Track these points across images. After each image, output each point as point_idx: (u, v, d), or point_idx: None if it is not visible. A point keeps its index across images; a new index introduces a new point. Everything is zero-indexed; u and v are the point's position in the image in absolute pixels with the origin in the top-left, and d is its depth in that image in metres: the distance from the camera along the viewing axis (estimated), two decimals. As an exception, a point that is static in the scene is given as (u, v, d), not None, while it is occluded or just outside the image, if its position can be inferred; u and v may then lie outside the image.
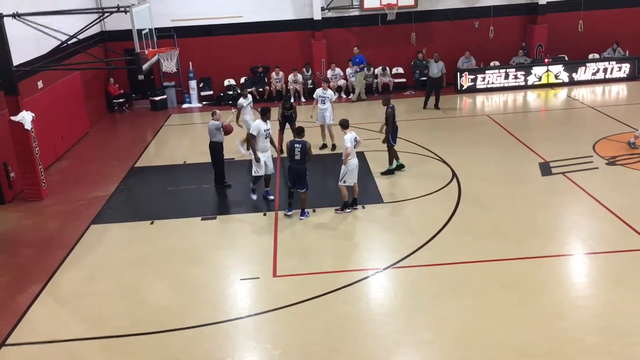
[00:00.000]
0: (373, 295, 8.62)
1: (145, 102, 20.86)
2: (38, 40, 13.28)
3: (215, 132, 12.46)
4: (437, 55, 18.43)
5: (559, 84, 20.50)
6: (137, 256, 10.13)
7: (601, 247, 9.52)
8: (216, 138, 12.51)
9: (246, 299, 8.71)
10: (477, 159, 13.81)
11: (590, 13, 21.12)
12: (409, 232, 10.40)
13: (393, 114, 12.60)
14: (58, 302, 8.92)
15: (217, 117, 12.53)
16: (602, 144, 14.25)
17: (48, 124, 14.50)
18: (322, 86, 14.81)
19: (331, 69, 20.66)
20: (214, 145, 12.56)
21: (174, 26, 20.05)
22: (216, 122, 12.43)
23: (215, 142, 12.55)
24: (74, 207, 12.42)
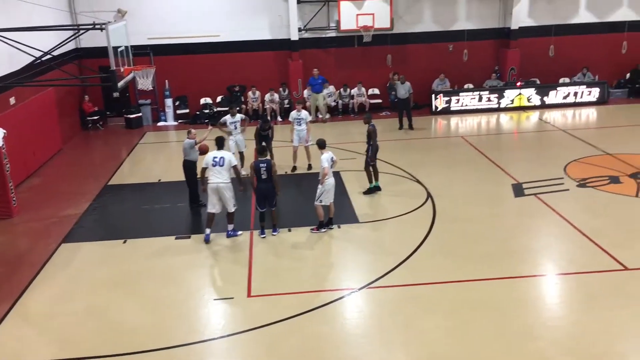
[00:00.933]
0: (348, 316, 8.60)
1: (120, 120, 20.69)
2: (11, 56, 13.13)
3: (189, 151, 12.34)
4: (403, 77, 18.71)
5: (531, 107, 20.91)
6: (109, 276, 9.96)
7: (572, 268, 9.65)
8: (190, 157, 12.39)
9: (220, 319, 8.61)
10: (451, 180, 13.96)
11: (561, 39, 21.66)
12: (384, 252, 10.43)
13: (374, 131, 12.73)
14: (26, 322, 8.70)
15: (192, 135, 12.41)
16: (573, 166, 14.53)
17: (20, 141, 14.27)
18: (296, 108, 14.86)
19: (307, 90, 20.77)
20: (188, 164, 12.44)
21: (150, 44, 20.01)
22: (190, 141, 12.32)
23: (189, 161, 12.42)
24: (44, 225, 12.19)
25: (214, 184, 10.79)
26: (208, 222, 11.03)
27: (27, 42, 12.40)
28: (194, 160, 12.39)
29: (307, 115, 14.89)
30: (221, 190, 10.80)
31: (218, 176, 10.78)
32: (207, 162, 10.86)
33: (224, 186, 10.81)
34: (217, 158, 10.83)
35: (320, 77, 20.27)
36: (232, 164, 10.92)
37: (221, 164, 10.79)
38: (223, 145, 11.25)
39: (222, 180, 10.79)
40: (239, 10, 20.47)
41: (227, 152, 11.16)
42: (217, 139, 11.27)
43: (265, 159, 11.01)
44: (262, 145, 11.72)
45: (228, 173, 10.88)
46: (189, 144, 12.30)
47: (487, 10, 21.42)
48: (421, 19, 21.30)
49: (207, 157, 10.95)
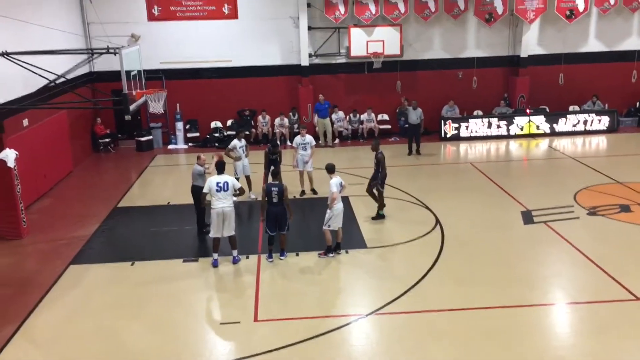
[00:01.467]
0: (355, 342, 8.51)
1: (131, 143, 20.86)
2: (26, 78, 13.32)
3: (197, 177, 12.28)
4: (415, 102, 18.81)
5: (540, 135, 20.88)
6: (116, 298, 9.95)
7: (583, 297, 9.54)
8: (197, 182, 12.25)
9: (226, 343, 8.55)
10: (460, 206, 13.91)
11: (571, 67, 21.73)
12: (392, 278, 10.36)
13: (384, 159, 12.76)
14: (32, 344, 8.69)
15: (201, 161, 12.33)
16: (583, 194, 14.45)
17: (31, 162, 14.42)
18: (300, 133, 14.89)
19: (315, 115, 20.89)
20: (196, 189, 12.32)
21: (163, 68, 20.27)
22: (200, 168, 12.24)
23: (196, 186, 12.26)
24: (53, 246, 12.24)
25: (219, 209, 10.76)
26: (214, 247, 11.02)
27: (42, 65, 12.61)
28: (201, 185, 12.14)
29: (312, 139, 14.94)
30: (226, 215, 10.80)
31: (223, 201, 10.78)
32: (211, 187, 10.80)
33: (229, 210, 10.81)
34: (221, 183, 10.80)
35: (327, 102, 20.40)
36: (235, 188, 10.94)
37: (225, 189, 10.79)
38: (224, 170, 11.14)
39: (227, 204, 10.80)
40: (250, 36, 20.73)
41: (229, 176, 11.12)
42: (217, 164, 11.16)
43: (278, 183, 11.04)
44: (274, 169, 11.75)
45: (231, 197, 10.90)
46: (198, 171, 12.24)
47: (497, 38, 21.56)
48: (431, 46, 21.47)
49: (209, 183, 10.86)
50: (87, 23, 19.91)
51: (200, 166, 12.27)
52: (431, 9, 20.67)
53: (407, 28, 20.86)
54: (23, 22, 14.56)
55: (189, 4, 20.33)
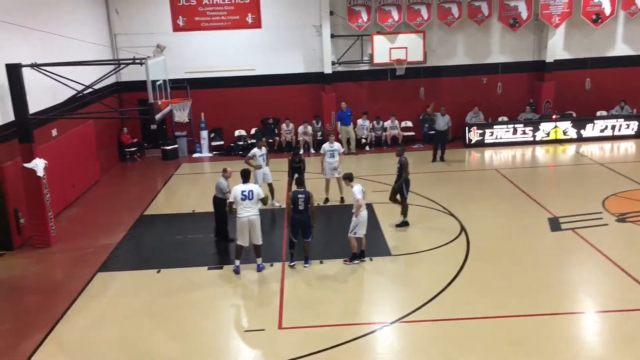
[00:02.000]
0: (380, 350, 8.47)
1: (156, 151, 21.12)
2: (54, 89, 13.58)
3: (220, 190, 12.29)
4: (444, 109, 18.78)
5: (567, 140, 20.60)
6: (142, 305, 10.05)
7: (612, 306, 9.35)
8: (221, 194, 12.30)
9: (250, 351, 8.57)
10: (485, 213, 13.77)
11: (598, 71, 21.44)
12: (417, 286, 10.29)
13: (407, 163, 12.74)
14: (61, 350, 8.82)
15: (227, 174, 12.29)
16: (611, 200, 14.20)
17: (60, 172, 14.67)
18: (329, 140, 14.95)
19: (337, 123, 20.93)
20: (218, 201, 12.36)
21: (187, 78, 20.51)
22: (223, 183, 12.19)
23: (219, 198, 12.33)
24: (81, 254, 12.42)
25: (244, 218, 10.80)
26: (237, 254, 11.08)
27: (70, 76, 12.86)
28: (223, 198, 12.15)
29: (340, 147, 14.97)
30: (252, 223, 10.84)
31: (248, 210, 10.82)
32: (236, 196, 10.85)
33: (254, 219, 10.86)
34: (246, 192, 10.86)
35: (349, 109, 20.40)
36: (260, 196, 10.97)
37: (250, 198, 10.83)
38: (248, 178, 11.28)
39: (252, 213, 10.84)
40: (274, 45, 20.87)
41: (254, 185, 11.22)
42: (242, 172, 11.30)
43: (304, 190, 11.10)
44: (299, 177, 11.82)
45: (257, 206, 10.94)
46: (221, 185, 12.21)
47: (522, 43, 21.37)
48: (454, 52, 21.36)
49: (234, 192, 10.92)
50: (114, 34, 20.27)
51: (225, 179, 12.25)
52: (454, 15, 20.59)
53: (430, 34, 20.80)
54: (52, 34, 14.88)
55: (213, 14, 20.56)
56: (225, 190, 12.00)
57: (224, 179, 12.24)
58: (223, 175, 12.30)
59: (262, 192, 11.14)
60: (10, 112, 12.50)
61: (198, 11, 20.50)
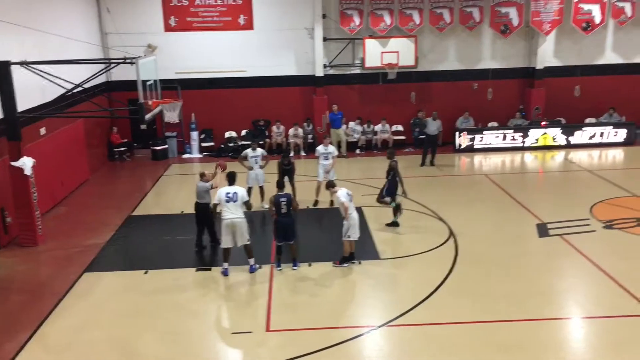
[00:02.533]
0: (367, 354, 8.47)
1: (146, 152, 21.02)
2: (44, 87, 13.50)
3: (203, 194, 11.94)
4: (435, 113, 18.83)
5: (556, 147, 20.73)
6: (129, 306, 9.99)
7: (599, 312, 9.41)
8: (204, 200, 11.91)
9: (238, 353, 8.55)
10: (474, 218, 13.82)
11: (587, 79, 21.60)
12: (405, 290, 10.30)
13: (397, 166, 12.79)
14: (46, 351, 8.74)
15: (206, 178, 11.99)
16: (599, 207, 14.29)
17: (48, 170, 14.56)
18: (323, 142, 14.95)
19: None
20: (200, 207, 11.96)
21: (178, 78, 20.44)
22: (205, 184, 11.90)
23: (202, 204, 11.94)
24: (68, 253, 12.33)
25: (228, 220, 10.75)
26: (224, 257, 11.04)
27: (60, 75, 12.78)
28: (208, 202, 11.86)
29: (335, 150, 14.97)
30: (236, 226, 10.79)
31: (233, 212, 10.77)
32: (220, 198, 10.83)
33: (239, 222, 10.79)
34: (230, 194, 10.82)
35: (340, 112, 20.42)
36: (244, 199, 10.93)
37: (234, 200, 10.80)
38: (235, 181, 11.18)
39: (236, 215, 10.78)
40: (266, 47, 20.85)
41: (239, 187, 11.11)
42: (228, 175, 11.24)
43: (286, 194, 11.12)
44: (281, 181, 11.83)
45: (241, 208, 10.88)
46: (204, 188, 11.90)
47: (512, 49, 21.49)
48: (446, 57, 21.45)
49: (219, 194, 10.89)
50: (105, 33, 20.18)
51: (205, 182, 11.95)
52: (446, 21, 20.68)
53: (422, 39, 20.88)
54: (42, 32, 14.77)
55: (205, 15, 20.52)
56: (208, 188, 11.82)
57: (204, 182, 11.94)
58: (203, 180, 11.98)
59: (246, 195, 11.08)
60: (-2, 109, 12.40)
61: (190, 11, 20.45)
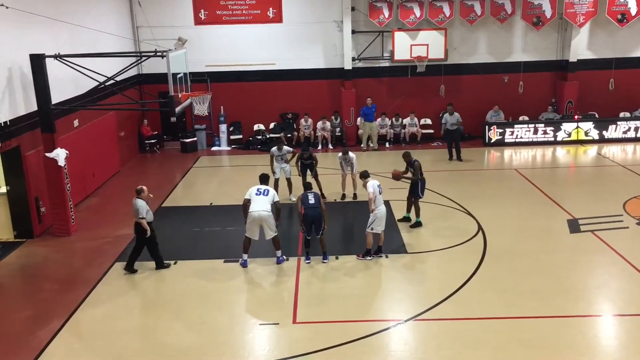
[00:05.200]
0: (393, 348, 8.45)
1: (176, 144, 21.27)
2: (77, 80, 13.75)
3: (144, 212, 10.74)
4: (451, 106, 18.57)
5: (588, 141, 20.35)
6: (158, 296, 10.16)
7: (630, 310, 9.24)
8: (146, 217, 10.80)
9: (264, 344, 8.62)
10: (503, 213, 13.66)
11: (621, 72, 21.13)
12: (432, 284, 10.26)
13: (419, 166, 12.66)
14: (77, 339, 8.95)
15: (145, 195, 10.92)
16: (632, 203, 14.00)
17: (81, 162, 14.86)
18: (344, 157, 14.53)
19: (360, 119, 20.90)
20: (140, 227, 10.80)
21: (208, 71, 20.61)
22: (142, 202, 10.76)
23: (136, 223, 10.82)
24: (100, 244, 12.57)
25: (256, 213, 10.84)
26: (245, 248, 11.15)
27: (92, 68, 13.00)
28: (150, 220, 10.91)
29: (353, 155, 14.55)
30: (263, 219, 10.86)
31: (261, 205, 10.87)
32: (251, 193, 11.02)
33: (265, 215, 10.86)
34: (262, 189, 11.05)
35: (374, 105, 20.36)
36: (275, 199, 11.06)
37: (265, 194, 10.97)
38: (267, 182, 11.44)
39: (264, 208, 10.87)
40: (294, 40, 20.88)
41: (272, 189, 11.32)
42: (261, 176, 11.54)
43: (314, 192, 11.26)
44: (306, 181, 11.95)
45: (270, 205, 10.96)
46: (143, 206, 10.74)
47: (545, 42, 21.12)
48: (476, 50, 21.19)
49: (250, 189, 11.10)
50: (137, 27, 20.42)
51: (143, 200, 10.83)
52: (477, 13, 20.41)
53: (452, 32, 20.65)
54: (75, 25, 15.05)
55: (235, 8, 20.62)
56: (142, 214, 10.69)
57: (141, 200, 10.83)
58: (140, 197, 10.86)
59: (277, 196, 11.20)
60: (33, 102, 12.68)
61: (220, 5, 20.56)
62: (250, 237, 11.02)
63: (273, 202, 11.01)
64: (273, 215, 10.97)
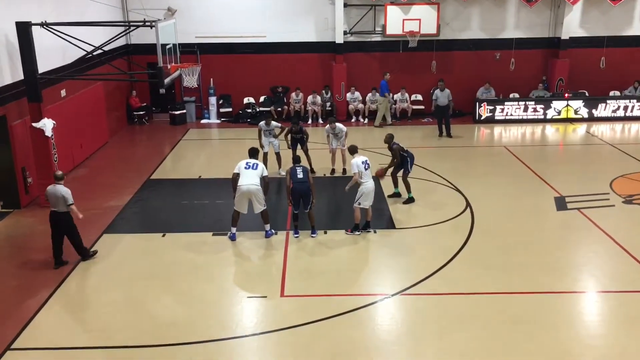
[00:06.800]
0: (380, 321, 8.54)
1: (164, 116, 21.09)
2: (64, 49, 13.53)
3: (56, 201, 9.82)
4: (442, 83, 18.53)
5: (578, 119, 20.41)
6: (147, 268, 10.16)
7: (614, 286, 9.38)
8: (57, 207, 9.89)
9: (252, 317, 8.67)
10: (492, 190, 13.74)
11: (613, 50, 21.12)
12: (420, 260, 10.34)
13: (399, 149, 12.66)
14: (65, 309, 8.95)
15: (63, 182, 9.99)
16: (619, 181, 14.12)
17: (68, 132, 14.71)
18: (330, 125, 14.46)
19: (351, 92, 20.82)
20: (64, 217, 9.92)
21: (198, 42, 20.35)
22: (65, 189, 9.82)
23: (62, 213, 9.92)
24: (87, 215, 12.39)
25: (244, 186, 10.82)
26: (233, 221, 11.14)
27: (80, 37, 12.78)
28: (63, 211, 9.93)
29: (342, 127, 14.59)
30: (252, 193, 10.85)
31: (250, 179, 10.85)
32: (240, 167, 10.98)
33: (254, 189, 10.84)
34: (251, 163, 11.02)
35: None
36: (264, 173, 11.04)
37: (254, 168, 10.95)
38: (256, 156, 11.41)
39: (253, 182, 10.84)
40: (285, 12, 20.63)
41: (261, 163, 11.29)
42: (250, 150, 11.50)
43: (302, 166, 11.23)
44: (295, 155, 11.93)
45: (259, 179, 10.94)
46: (69, 191, 9.84)
47: (537, 19, 21.03)
48: (468, 26, 21.06)
49: (239, 163, 11.06)
50: (125, -5, 20.08)
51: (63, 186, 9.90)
52: (470, -12, 20.23)
53: (444, 7, 20.49)
54: (62, -7, 14.76)
55: (226, -22, 20.29)
56: (71, 200, 9.87)
57: (62, 186, 9.91)
58: (58, 182, 9.94)
59: (266, 170, 11.17)
60: (19, 70, 12.47)
61: (210, -25, 20.22)
62: (239, 210, 11.01)
63: (262, 176, 10.99)
64: (262, 189, 10.96)
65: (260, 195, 10.93)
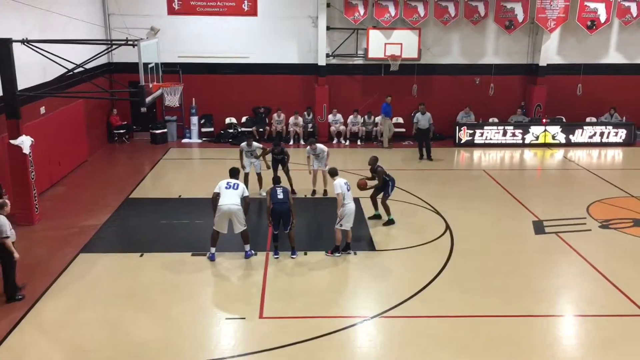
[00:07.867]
0: (359, 344, 8.50)
1: (145, 135, 20.97)
2: (45, 66, 13.44)
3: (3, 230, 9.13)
4: (423, 106, 18.76)
5: (555, 145, 20.73)
6: (124, 288, 10.01)
7: (591, 310, 9.45)
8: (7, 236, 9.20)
9: (230, 339, 8.57)
10: (471, 213, 13.84)
11: (590, 77, 21.56)
12: (399, 282, 10.34)
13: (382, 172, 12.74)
14: (38, 330, 8.76)
15: (6, 210, 9.40)
16: (596, 206, 14.32)
17: (47, 150, 14.54)
18: (310, 146, 14.53)
19: (332, 114, 20.95)
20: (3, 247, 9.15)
21: (180, 62, 20.37)
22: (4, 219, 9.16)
23: None
24: (64, 234, 12.33)
25: (225, 206, 10.79)
26: (213, 241, 11.09)
27: (61, 54, 12.71)
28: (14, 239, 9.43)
29: (323, 148, 14.66)
30: (234, 212, 10.81)
31: (231, 199, 10.83)
32: (220, 186, 10.97)
33: (235, 209, 10.82)
34: (232, 183, 11.02)
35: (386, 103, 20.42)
36: (244, 193, 11.04)
37: (235, 188, 10.94)
38: (237, 176, 11.39)
39: (234, 202, 10.83)
40: (269, 34, 20.76)
41: (242, 183, 11.28)
42: (231, 170, 11.47)
43: (282, 186, 11.23)
44: (276, 175, 11.94)
45: (239, 199, 10.92)
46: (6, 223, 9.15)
47: (516, 46, 21.43)
48: (449, 51, 21.38)
49: (220, 183, 11.05)
50: (108, 14, 20.06)
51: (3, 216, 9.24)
52: (451, 14, 20.59)
53: (426, 32, 20.79)
54: (44, 10, 14.70)
55: (210, -1, 20.42)
56: (6, 233, 9.12)
57: (1, 216, 9.23)
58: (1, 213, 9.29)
59: (247, 190, 11.18)
60: (-2, 87, 12.35)
61: (194, -5, 20.33)
62: (219, 230, 10.95)
63: (243, 196, 10.96)
64: (242, 209, 10.92)
65: (240, 215, 10.88)
